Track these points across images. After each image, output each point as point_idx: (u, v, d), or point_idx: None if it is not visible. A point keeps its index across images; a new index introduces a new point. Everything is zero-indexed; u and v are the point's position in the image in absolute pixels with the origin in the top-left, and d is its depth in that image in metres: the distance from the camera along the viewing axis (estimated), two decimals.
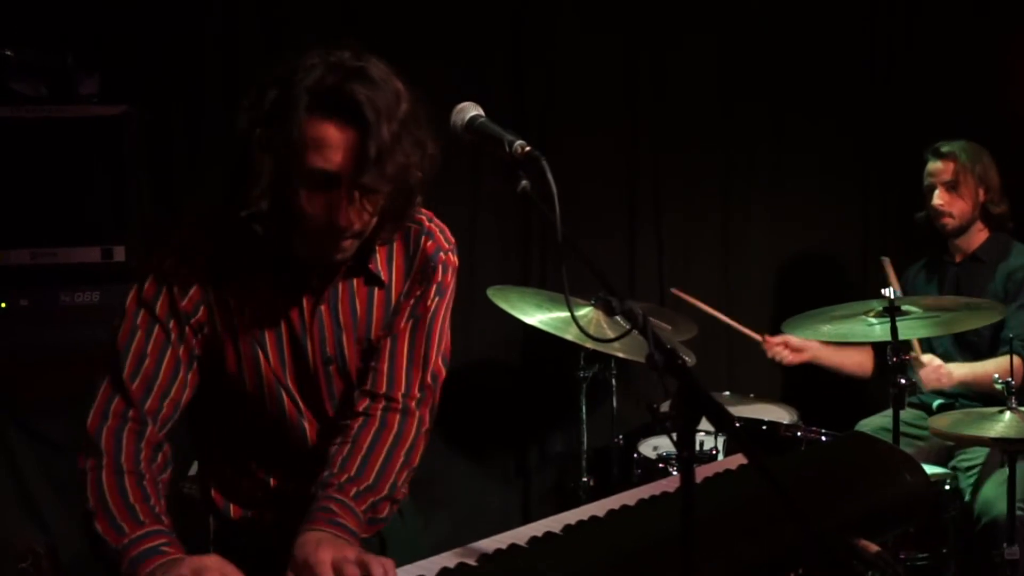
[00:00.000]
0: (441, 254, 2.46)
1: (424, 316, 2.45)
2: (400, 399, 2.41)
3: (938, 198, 4.52)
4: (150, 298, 2.29)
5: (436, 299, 2.46)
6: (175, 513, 3.84)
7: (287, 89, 2.13)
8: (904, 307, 3.95)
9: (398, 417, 2.39)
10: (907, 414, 4.29)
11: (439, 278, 2.45)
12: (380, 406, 2.39)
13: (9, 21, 4.27)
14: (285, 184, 2.17)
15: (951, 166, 4.50)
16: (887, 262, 4.43)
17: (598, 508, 2.36)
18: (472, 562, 2.09)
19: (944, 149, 4.53)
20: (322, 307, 2.37)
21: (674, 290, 4.80)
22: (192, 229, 2.33)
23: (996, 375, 3.92)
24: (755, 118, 5.34)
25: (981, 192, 4.52)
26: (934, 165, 4.55)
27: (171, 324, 2.29)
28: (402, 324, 2.43)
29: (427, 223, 2.46)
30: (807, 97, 5.34)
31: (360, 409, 2.38)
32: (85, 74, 4.17)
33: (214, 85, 4.69)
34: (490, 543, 2.19)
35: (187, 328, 2.29)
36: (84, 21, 4.43)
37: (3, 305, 3.98)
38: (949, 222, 4.53)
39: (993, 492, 4.04)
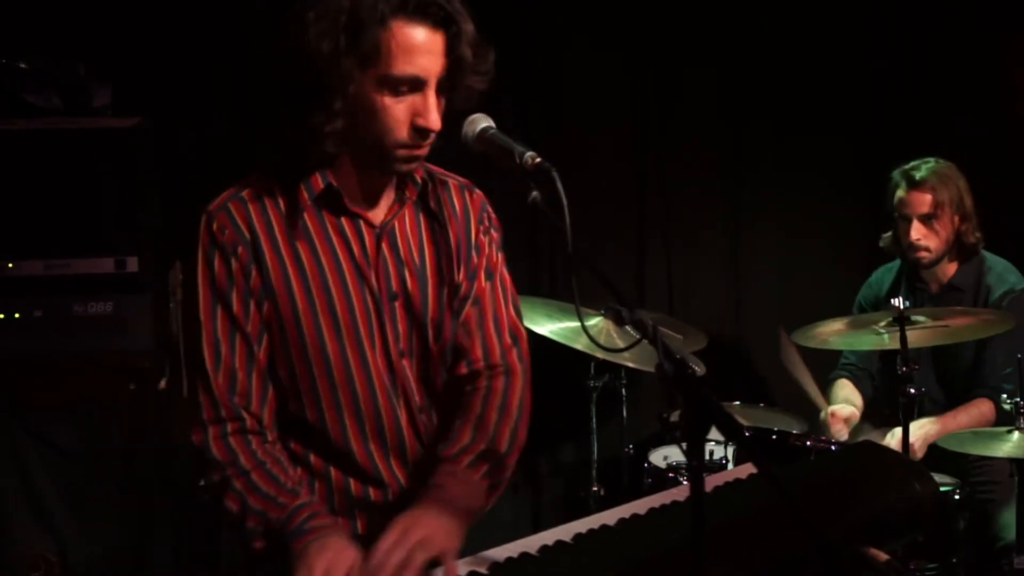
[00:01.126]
0: (491, 209, 2.57)
1: (495, 273, 2.54)
2: (499, 362, 2.49)
3: (915, 231, 4.32)
4: (222, 293, 2.27)
5: (499, 253, 2.57)
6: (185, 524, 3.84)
7: (362, 1, 2.12)
8: (914, 318, 3.94)
9: (502, 379, 2.48)
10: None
11: (496, 232, 2.57)
12: (484, 376, 2.47)
13: (23, 34, 4.29)
14: (364, 96, 2.17)
15: (928, 198, 4.30)
16: (784, 335, 4.39)
17: (609, 517, 2.36)
18: (483, 570, 2.10)
19: (918, 177, 4.32)
20: (384, 243, 2.36)
21: (784, 335, 4.71)
22: (237, 201, 2.30)
23: (1004, 396, 3.90)
24: (761, 132, 5.35)
25: (957, 220, 4.34)
26: (910, 195, 4.33)
27: (249, 325, 2.28)
28: (482, 285, 2.50)
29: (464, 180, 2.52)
30: (812, 112, 5.34)
31: (468, 389, 2.47)
32: (98, 85, 4.19)
33: (225, 96, 4.71)
34: (501, 551, 2.20)
35: (261, 313, 2.29)
36: (96, 33, 4.46)
37: (17, 316, 3.99)
38: (926, 256, 4.36)
39: (1005, 515, 4.03)
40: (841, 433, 4.36)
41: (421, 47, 2.17)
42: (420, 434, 2.45)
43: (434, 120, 2.22)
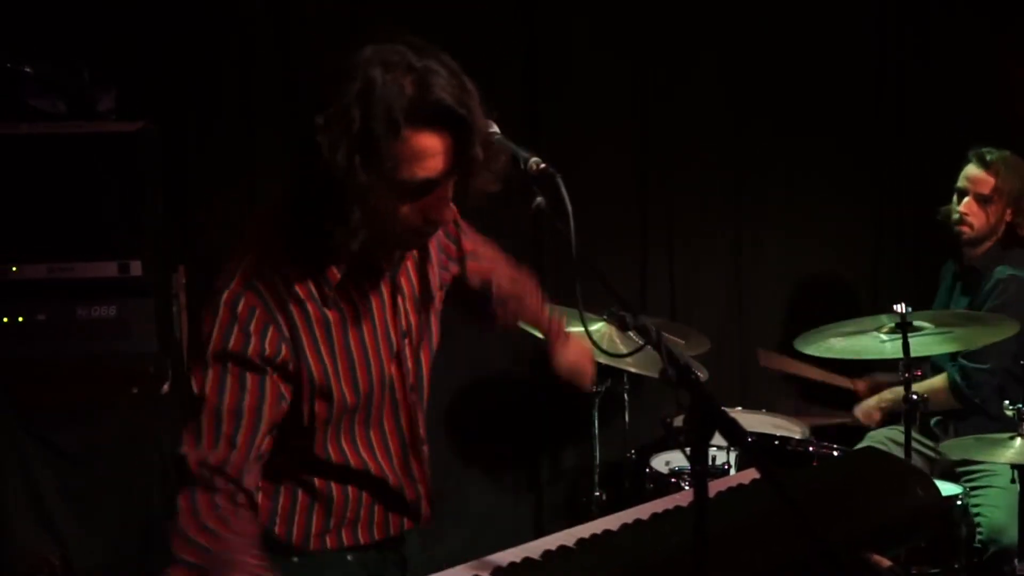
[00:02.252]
0: (451, 226, 2.66)
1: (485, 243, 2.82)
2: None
3: (965, 206, 4.45)
4: (240, 372, 2.17)
5: (475, 237, 2.78)
6: None
7: (372, 107, 2.06)
8: (916, 323, 3.95)
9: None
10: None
11: (465, 228, 2.72)
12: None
13: (27, 38, 4.30)
14: (380, 202, 2.13)
15: (991, 181, 4.42)
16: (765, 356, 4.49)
17: (611, 522, 2.37)
18: (486, 575, 2.10)
19: (989, 158, 4.44)
20: (397, 292, 2.40)
21: (761, 351, 4.81)
22: (263, 281, 2.22)
23: (1006, 402, 3.92)
24: (766, 135, 5.35)
25: (1009, 212, 4.45)
26: (975, 172, 4.46)
27: (265, 375, 2.20)
28: (476, 247, 2.77)
29: None
30: (816, 114, 5.35)
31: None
32: (102, 90, 4.20)
33: (230, 101, 4.71)
34: (504, 556, 2.20)
35: (276, 374, 2.21)
36: (101, 38, 4.46)
37: (21, 319, 4.00)
38: (966, 231, 4.47)
39: (1003, 519, 4.04)
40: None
41: (432, 151, 2.13)
42: (421, 459, 2.48)
43: (446, 215, 2.25)
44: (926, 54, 5.44)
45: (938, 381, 4.41)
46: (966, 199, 4.46)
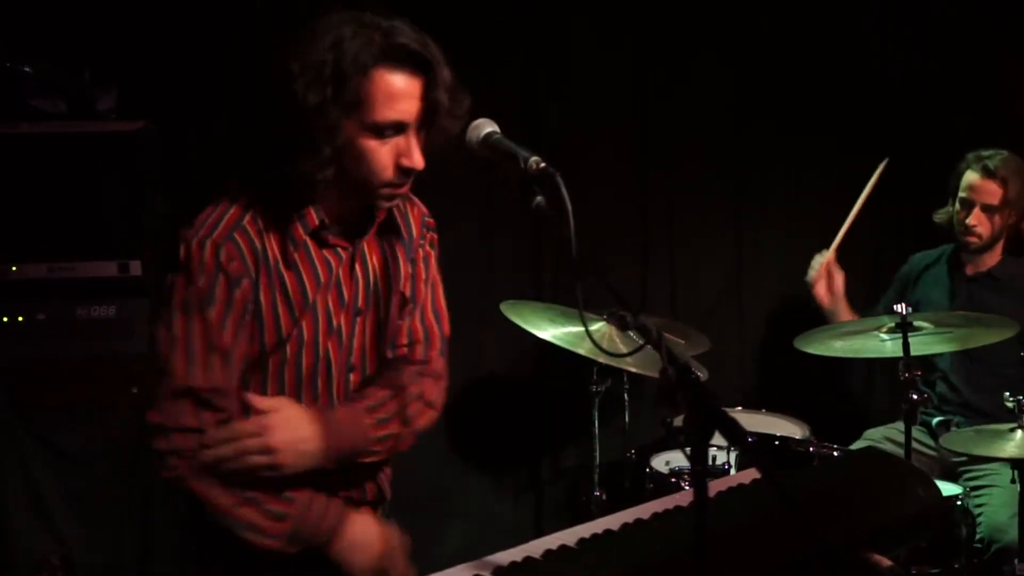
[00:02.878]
0: (428, 218, 2.67)
1: (437, 281, 2.68)
2: (432, 360, 2.64)
3: (974, 218, 4.40)
4: (218, 317, 2.34)
5: (436, 262, 2.68)
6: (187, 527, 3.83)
7: (344, 53, 2.23)
8: (916, 323, 3.95)
9: (429, 380, 2.61)
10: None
11: (435, 239, 2.68)
12: (415, 370, 2.60)
13: (27, 38, 4.30)
14: (351, 142, 2.29)
15: (999, 192, 4.37)
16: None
17: (612, 522, 2.37)
18: (487, 574, 2.10)
19: (992, 165, 4.38)
20: (356, 265, 2.50)
21: None
22: (241, 231, 2.38)
23: (1007, 394, 3.89)
24: (766, 135, 5.34)
25: (1015, 216, 4.44)
26: (979, 182, 4.40)
27: (235, 351, 2.37)
28: (423, 291, 2.63)
29: None
30: (817, 114, 5.34)
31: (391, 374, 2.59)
32: (102, 90, 4.20)
33: (230, 101, 4.71)
34: (504, 556, 2.20)
35: (247, 338, 2.38)
36: (101, 37, 4.46)
37: (20, 319, 4.00)
38: (975, 241, 4.44)
39: (1004, 519, 4.02)
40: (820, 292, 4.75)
41: (402, 93, 2.30)
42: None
43: (417, 160, 2.35)
44: (926, 54, 5.43)
45: None
46: (974, 210, 4.41)
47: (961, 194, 4.46)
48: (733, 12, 5.26)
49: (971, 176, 4.43)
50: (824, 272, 4.77)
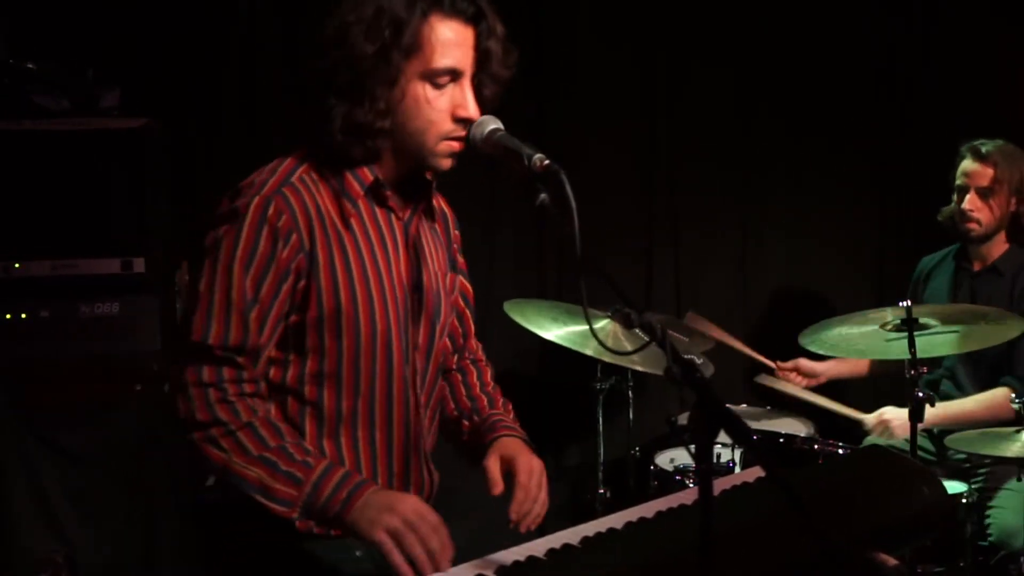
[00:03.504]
0: (453, 212, 2.69)
1: (466, 271, 2.71)
2: (475, 348, 2.79)
3: (969, 203, 4.37)
4: (259, 271, 2.28)
5: (463, 259, 2.71)
6: (192, 526, 3.84)
7: (398, 2, 2.26)
8: (922, 320, 3.92)
9: (484, 365, 2.78)
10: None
11: (459, 241, 2.69)
12: (467, 359, 2.74)
13: (31, 35, 4.30)
14: (408, 91, 2.29)
15: (990, 172, 4.34)
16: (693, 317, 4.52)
17: (615, 520, 2.36)
18: (490, 574, 2.09)
19: (984, 150, 4.36)
20: (411, 237, 2.46)
21: (690, 313, 4.80)
22: (291, 187, 2.33)
23: (1013, 395, 3.87)
24: (771, 134, 5.34)
25: (1013, 201, 4.38)
26: (971, 166, 4.38)
27: (273, 309, 2.30)
28: (460, 281, 2.68)
29: None
30: (822, 112, 5.33)
31: (452, 368, 2.72)
32: (106, 88, 4.20)
33: (233, 97, 4.71)
34: (507, 555, 2.19)
35: (290, 298, 2.32)
36: (105, 35, 4.46)
37: (24, 316, 3.99)
38: (975, 228, 4.39)
39: (1013, 520, 4.00)
40: (794, 384, 4.66)
41: (456, 40, 2.30)
42: (420, 427, 2.51)
43: (473, 110, 2.33)
44: (928, 53, 5.41)
45: (999, 395, 4.21)
46: (968, 195, 4.39)
47: (957, 182, 4.45)
48: (737, 12, 5.25)
49: (964, 163, 4.42)
50: (793, 380, 4.73)
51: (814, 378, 4.66)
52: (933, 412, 4.00)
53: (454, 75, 2.31)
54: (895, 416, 4.31)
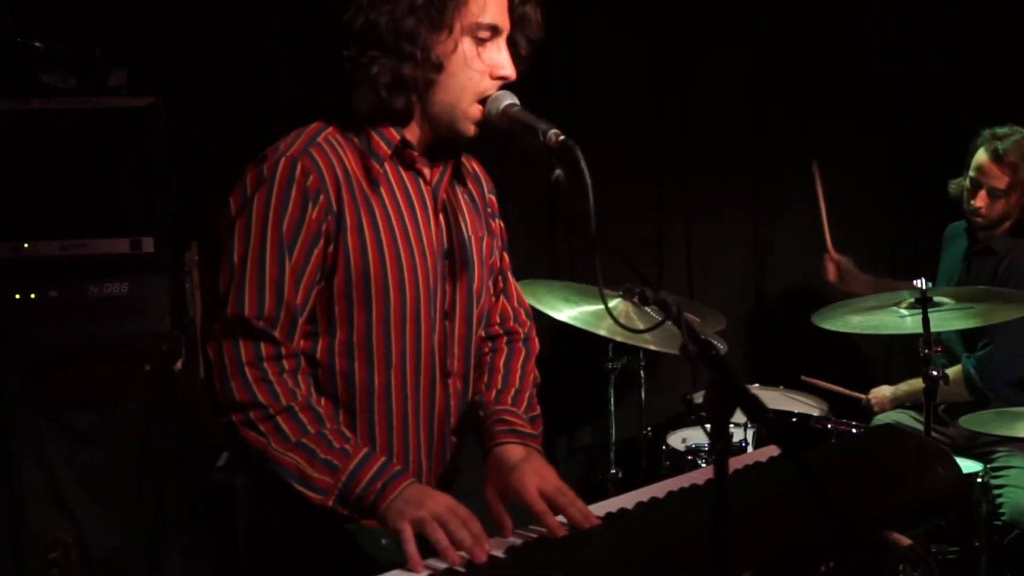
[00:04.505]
0: (490, 178, 2.63)
1: (507, 246, 2.66)
2: (518, 329, 2.65)
3: (980, 200, 4.35)
4: (289, 235, 2.24)
5: (503, 224, 2.66)
6: (202, 507, 3.82)
7: None
8: (936, 298, 3.90)
9: (520, 343, 2.63)
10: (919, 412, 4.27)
11: (495, 206, 2.63)
12: (504, 340, 2.62)
13: (38, 14, 4.28)
14: (451, 44, 2.27)
15: (1007, 178, 4.30)
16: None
17: (627, 500, 2.35)
18: (501, 554, 2.08)
19: (1002, 149, 4.29)
20: (439, 203, 2.42)
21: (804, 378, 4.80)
22: (318, 147, 2.30)
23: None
24: (783, 116, 5.32)
25: (1022, 198, 4.36)
26: (988, 165, 4.32)
27: (305, 275, 2.26)
28: (500, 258, 2.62)
29: None
30: (835, 95, 5.31)
31: (487, 350, 2.60)
32: (113, 66, 4.18)
33: (241, 76, 4.70)
34: (518, 536, 2.18)
35: (321, 262, 2.27)
36: (112, 13, 4.44)
37: (33, 296, 3.98)
38: (980, 221, 4.41)
39: None
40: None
41: (497, 1, 2.30)
42: (448, 398, 2.46)
43: (510, 70, 2.32)
44: (950, 44, 5.37)
45: (953, 372, 4.33)
46: (980, 192, 4.36)
47: (970, 173, 4.41)
48: None
49: (981, 156, 4.36)
50: (828, 262, 4.86)
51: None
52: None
53: (495, 32, 2.30)
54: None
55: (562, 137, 2.11)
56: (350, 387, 2.34)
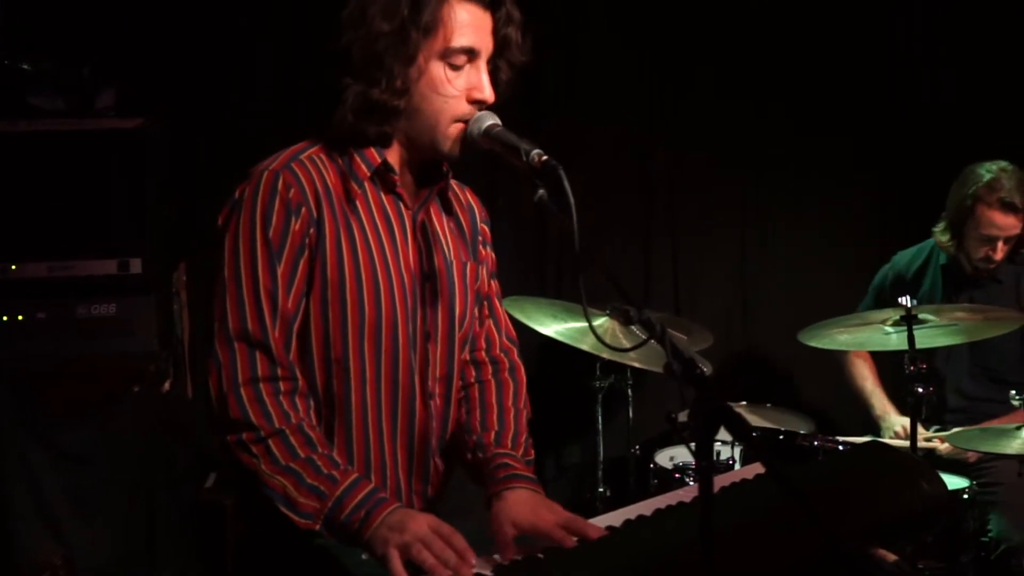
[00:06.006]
0: (485, 210, 2.66)
1: (495, 275, 2.67)
2: (503, 357, 2.64)
3: (1000, 252, 4.25)
4: (276, 248, 2.27)
5: (494, 255, 2.67)
6: (191, 527, 3.82)
7: None
8: (921, 316, 3.92)
9: (508, 375, 2.63)
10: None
11: (488, 237, 2.66)
12: (490, 370, 2.62)
13: (27, 35, 4.28)
14: (425, 69, 2.30)
15: (1017, 223, 4.20)
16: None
17: (615, 518, 2.35)
18: (489, 573, 2.09)
19: (1010, 199, 4.15)
20: (421, 225, 2.44)
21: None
22: (299, 163, 2.33)
23: (1012, 392, 3.88)
24: (771, 130, 5.33)
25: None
26: (1004, 219, 4.19)
27: (293, 286, 2.29)
28: (488, 284, 2.62)
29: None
30: (823, 110, 5.32)
31: (473, 379, 2.60)
32: (102, 87, 4.18)
33: (232, 97, 4.70)
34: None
35: (306, 275, 2.30)
36: (101, 35, 4.45)
37: (20, 318, 3.98)
38: (992, 267, 4.32)
39: (1013, 515, 4.00)
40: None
41: (474, 23, 2.32)
42: (429, 419, 2.47)
43: (488, 93, 2.34)
44: (935, 53, 5.39)
45: None
46: (997, 244, 4.24)
47: (983, 231, 4.25)
48: (739, 9, 5.25)
49: (991, 214, 4.20)
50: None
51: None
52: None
53: (471, 55, 2.32)
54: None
55: (545, 157, 2.13)
56: (329, 402, 2.36)
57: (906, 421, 4.23)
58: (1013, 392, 3.84)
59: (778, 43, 5.28)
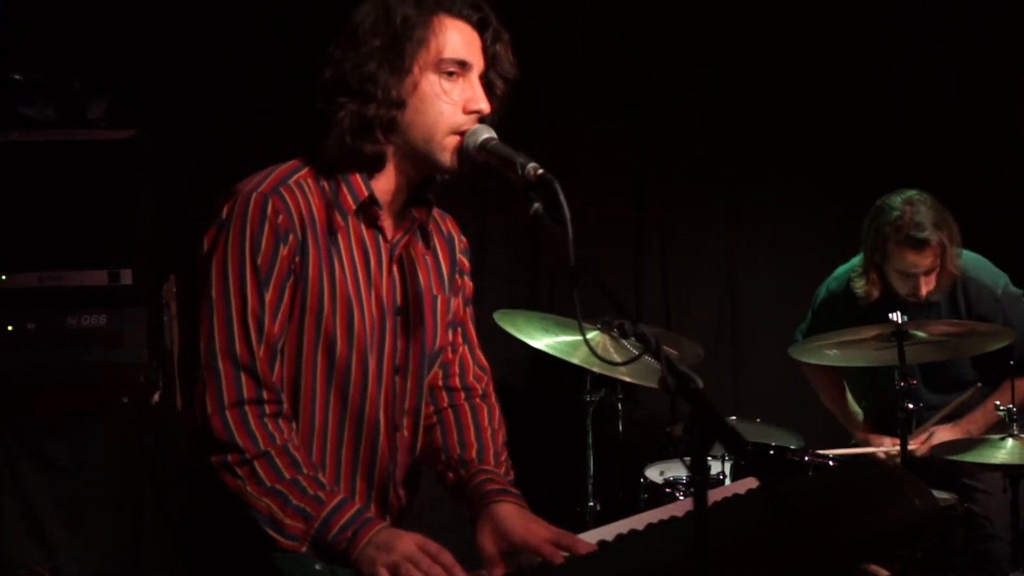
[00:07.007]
0: (465, 239, 2.63)
1: (471, 303, 2.64)
2: (476, 385, 2.65)
3: (925, 286, 4.17)
4: (264, 272, 2.26)
5: (472, 284, 2.64)
6: (178, 538, 3.79)
7: (404, 5, 2.30)
8: (911, 332, 3.92)
9: (480, 400, 2.64)
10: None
11: (466, 267, 2.63)
12: (463, 396, 2.62)
13: (18, 46, 4.28)
14: (419, 83, 2.30)
15: (932, 256, 4.12)
16: None
17: (606, 532, 2.35)
18: None
19: (920, 236, 4.07)
20: (395, 260, 2.43)
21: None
22: (288, 188, 2.32)
23: (997, 402, 3.89)
24: (759, 146, 5.35)
25: (951, 254, 4.17)
26: (914, 257, 4.12)
27: (279, 311, 2.28)
28: (463, 311, 2.60)
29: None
30: (810, 127, 5.34)
31: (445, 405, 2.60)
32: (93, 98, 4.18)
33: (222, 109, 4.70)
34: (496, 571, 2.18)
35: (291, 301, 2.30)
36: (92, 46, 4.45)
37: (10, 328, 3.97)
38: (923, 296, 4.23)
39: (997, 529, 4.01)
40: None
41: (465, 39, 2.34)
42: (395, 451, 2.47)
43: (484, 104, 2.33)
44: (919, 67, 5.41)
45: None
46: (919, 280, 4.17)
47: (898, 268, 4.20)
48: (726, 25, 5.26)
49: (904, 253, 4.13)
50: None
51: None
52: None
53: (464, 66, 2.32)
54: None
55: (540, 171, 2.13)
56: (297, 427, 2.35)
57: (887, 440, 4.31)
58: (997, 403, 3.85)
59: (766, 57, 5.31)
